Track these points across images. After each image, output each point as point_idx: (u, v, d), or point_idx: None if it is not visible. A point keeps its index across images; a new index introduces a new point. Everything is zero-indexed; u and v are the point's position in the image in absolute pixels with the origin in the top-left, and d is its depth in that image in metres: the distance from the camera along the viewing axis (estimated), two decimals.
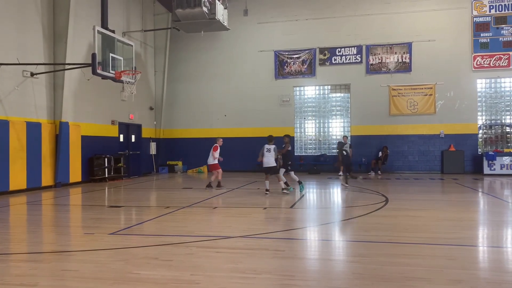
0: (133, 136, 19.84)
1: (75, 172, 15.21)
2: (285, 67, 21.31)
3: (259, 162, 12.41)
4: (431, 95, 19.85)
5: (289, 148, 12.79)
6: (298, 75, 21.21)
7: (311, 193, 13.00)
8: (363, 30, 20.46)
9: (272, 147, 12.26)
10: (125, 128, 19.19)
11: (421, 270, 4.72)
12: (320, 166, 20.46)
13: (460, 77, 19.65)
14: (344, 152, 14.45)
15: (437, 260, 5.14)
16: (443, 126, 19.77)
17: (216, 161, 13.53)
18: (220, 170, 13.68)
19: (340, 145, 14.92)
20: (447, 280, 4.40)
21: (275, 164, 12.23)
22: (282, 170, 12.42)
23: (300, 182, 12.64)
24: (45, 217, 9.21)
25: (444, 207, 9.71)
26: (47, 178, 14.00)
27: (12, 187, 12.55)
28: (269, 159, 12.13)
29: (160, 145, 22.11)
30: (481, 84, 19.82)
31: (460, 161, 19.28)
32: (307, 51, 21.03)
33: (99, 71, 11.74)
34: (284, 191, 12.07)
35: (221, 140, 14.15)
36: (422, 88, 19.97)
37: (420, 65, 19.95)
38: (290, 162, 12.61)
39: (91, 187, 14.50)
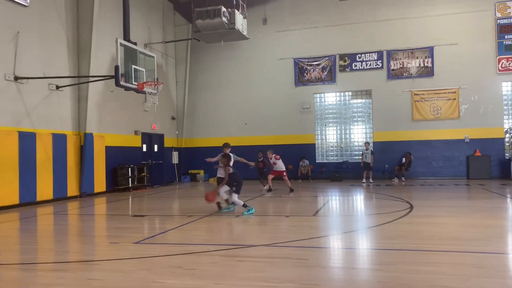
0: (155, 146, 20.09)
1: (100, 182, 15.47)
2: (305, 74, 21.29)
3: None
4: (454, 99, 19.51)
5: (230, 168, 10.08)
6: (318, 82, 21.16)
7: (334, 200, 12.89)
8: (383, 35, 20.31)
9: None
10: (148, 138, 19.46)
11: (448, 278, 4.61)
12: (342, 173, 20.28)
13: (484, 80, 19.26)
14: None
15: (464, 269, 5.02)
16: (468, 131, 19.37)
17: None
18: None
19: None
20: None
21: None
22: (225, 187, 10.18)
23: (245, 206, 9.77)
24: (71, 227, 9.39)
25: (471, 214, 9.48)
26: (72, 188, 14.28)
27: (39, 197, 12.84)
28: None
29: (182, 154, 22.31)
30: (506, 87, 19.39)
31: (487, 166, 18.83)
32: (327, 58, 20.98)
33: (122, 82, 11.94)
34: (223, 208, 10.37)
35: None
36: (445, 93, 19.65)
37: (443, 69, 19.65)
38: (235, 183, 9.92)
39: (115, 197, 14.72)
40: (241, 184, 9.92)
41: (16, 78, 12.36)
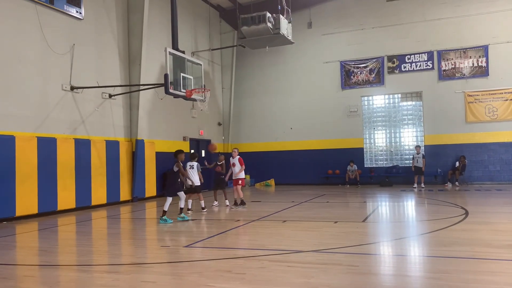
0: (203, 152, 20.43)
1: (151, 187, 15.92)
2: (352, 77, 20.97)
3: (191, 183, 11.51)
4: None
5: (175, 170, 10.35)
6: (365, 85, 20.77)
7: (384, 206, 12.57)
8: (433, 35, 19.65)
9: (195, 164, 11.75)
10: (196, 143, 19.83)
11: None
12: (392, 178, 19.74)
13: None
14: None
15: None
16: None
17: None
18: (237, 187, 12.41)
19: None
20: None
21: (198, 183, 11.60)
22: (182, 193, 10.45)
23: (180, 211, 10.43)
24: (123, 230, 9.71)
25: None
26: (125, 193, 14.78)
27: (93, 202, 13.38)
28: (195, 176, 11.56)
29: (229, 160, 22.49)
30: None
31: None
32: (374, 60, 20.57)
33: (171, 90, 12.24)
34: (185, 215, 10.59)
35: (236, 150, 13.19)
36: (502, 93, 18.70)
37: (498, 69, 18.72)
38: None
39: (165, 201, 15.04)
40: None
41: (72, 88, 13.00)
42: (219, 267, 5.63)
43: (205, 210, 11.67)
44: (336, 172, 20.76)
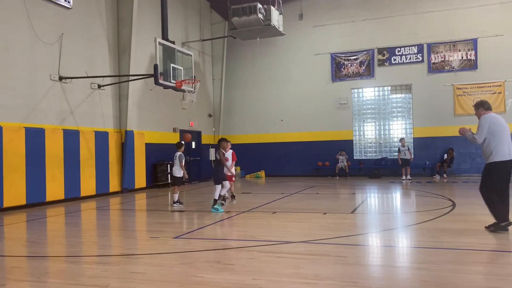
0: (193, 143, 20.37)
1: (140, 178, 15.87)
2: (342, 69, 21.00)
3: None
4: (500, 93, 18.72)
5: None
6: (355, 77, 20.83)
7: (372, 198, 12.67)
8: (424, 28, 19.73)
9: (178, 154, 11.11)
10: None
11: (495, 279, 4.45)
12: (381, 169, 19.90)
13: None
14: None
15: None
16: None
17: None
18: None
19: None
20: None
21: (180, 175, 11.03)
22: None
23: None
24: (113, 222, 9.68)
25: None
26: (114, 184, 14.71)
27: (83, 193, 13.31)
28: (174, 167, 11.19)
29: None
30: None
31: None
32: (364, 52, 20.61)
33: (161, 81, 12.17)
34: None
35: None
36: (490, 86, 18.88)
37: (487, 62, 18.88)
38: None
39: (155, 193, 15.06)
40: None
41: (61, 78, 12.85)
42: (209, 258, 5.65)
43: (176, 204, 10.98)
44: (326, 164, 20.87)
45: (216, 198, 9.88)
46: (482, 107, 7.16)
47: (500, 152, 6.68)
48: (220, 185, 9.96)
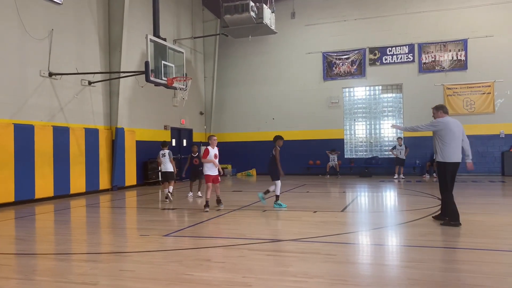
0: (184, 141, 20.32)
1: (131, 176, 15.79)
2: (334, 68, 21.07)
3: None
4: (489, 93, 18.91)
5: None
6: (347, 76, 20.91)
7: (363, 196, 12.74)
8: (415, 28, 19.85)
9: (167, 151, 11.99)
10: (177, 133, 19.70)
11: (482, 277, 4.50)
12: (372, 168, 20.01)
13: None
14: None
15: (499, 267, 4.87)
16: (504, 126, 18.75)
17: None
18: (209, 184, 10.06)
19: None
20: None
21: (172, 170, 11.96)
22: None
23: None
24: (103, 219, 9.63)
25: (505, 211, 9.19)
26: (104, 181, 14.62)
27: (72, 190, 13.22)
28: (166, 164, 11.92)
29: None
30: None
31: None
32: (356, 52, 20.69)
33: (152, 78, 12.11)
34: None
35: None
36: (480, 87, 19.07)
37: (477, 63, 19.06)
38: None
39: (145, 190, 15.00)
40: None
41: (51, 74, 12.73)
42: (199, 256, 5.65)
43: (167, 199, 11.53)
44: (317, 162, 20.93)
45: (278, 194, 10.09)
46: (441, 110, 8.11)
47: (449, 154, 7.56)
48: (279, 181, 10.15)
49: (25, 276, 4.88)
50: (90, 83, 14.20)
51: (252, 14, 16.60)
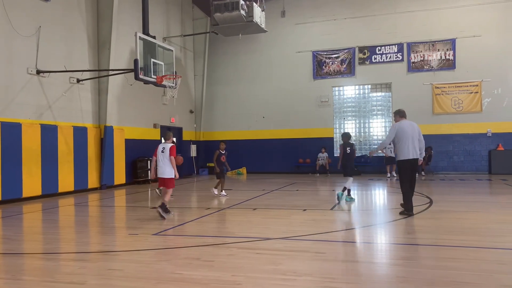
0: (174, 139, 20.23)
1: (120, 174, 15.69)
2: (324, 67, 21.12)
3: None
4: (477, 92, 19.12)
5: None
6: (337, 75, 20.98)
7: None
8: (404, 28, 19.98)
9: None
10: (167, 131, 19.58)
11: (469, 274, 4.55)
12: (361, 167, 20.11)
13: (508, 73, 18.82)
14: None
15: (486, 265, 4.93)
16: (491, 125, 18.97)
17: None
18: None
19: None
20: (497, 286, 4.21)
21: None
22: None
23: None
24: (91, 218, 9.56)
25: (493, 209, 9.30)
26: (93, 180, 14.51)
27: (60, 189, 13.10)
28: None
29: (200, 148, 22.43)
30: None
31: (509, 161, 18.41)
32: (346, 51, 20.76)
33: (141, 76, 12.04)
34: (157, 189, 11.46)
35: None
36: (467, 86, 19.26)
37: (465, 62, 19.25)
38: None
39: (135, 189, 14.91)
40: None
41: (38, 72, 12.59)
42: (188, 254, 5.63)
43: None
44: (307, 161, 21.00)
45: (349, 188, 10.75)
46: (398, 114, 8.71)
47: (402, 152, 8.31)
48: (352, 178, 10.81)
49: (12, 275, 4.83)
50: (78, 80, 14.07)
51: (242, 12, 16.57)
